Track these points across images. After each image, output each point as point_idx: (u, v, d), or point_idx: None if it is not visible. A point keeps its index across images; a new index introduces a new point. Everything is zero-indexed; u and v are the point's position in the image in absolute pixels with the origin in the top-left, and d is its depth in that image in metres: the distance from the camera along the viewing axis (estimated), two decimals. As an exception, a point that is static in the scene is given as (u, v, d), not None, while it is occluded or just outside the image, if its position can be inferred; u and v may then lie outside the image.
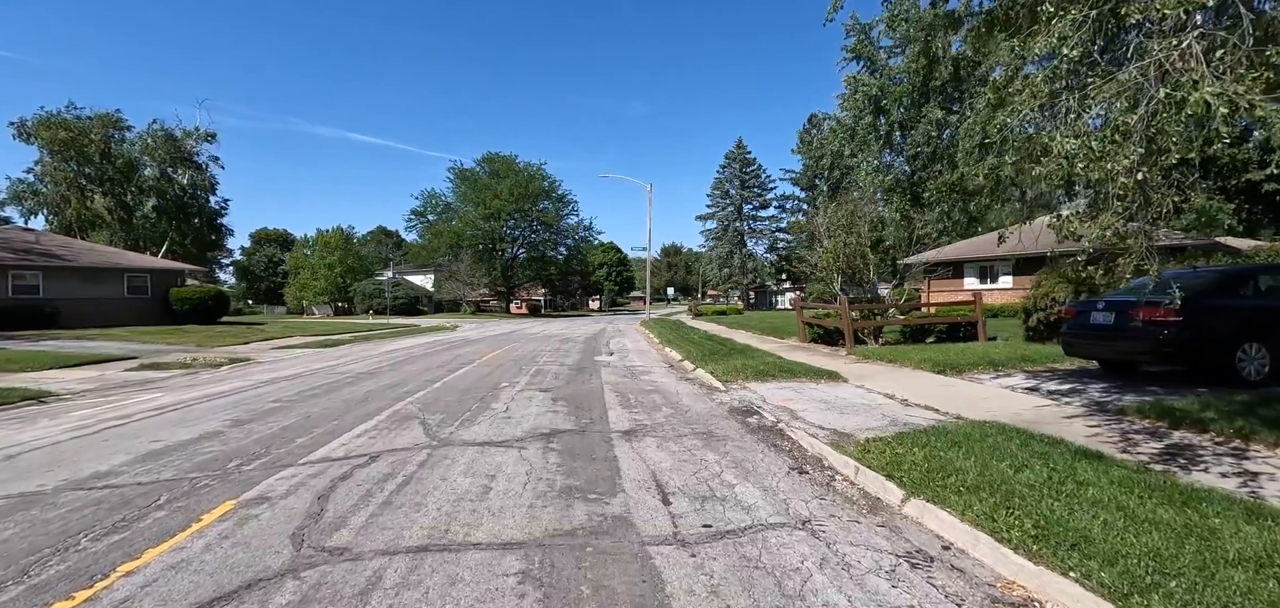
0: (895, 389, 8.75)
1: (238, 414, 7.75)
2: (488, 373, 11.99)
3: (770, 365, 11.34)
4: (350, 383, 10.66)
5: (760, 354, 13.68)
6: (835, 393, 8.69)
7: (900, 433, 6.01)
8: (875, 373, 10.52)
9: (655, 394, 9.26)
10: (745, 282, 66.62)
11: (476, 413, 7.68)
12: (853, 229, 13.71)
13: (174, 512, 4.15)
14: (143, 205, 37.47)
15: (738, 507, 4.24)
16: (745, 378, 10.22)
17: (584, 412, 7.77)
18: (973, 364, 10.38)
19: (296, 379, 11.37)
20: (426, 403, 8.44)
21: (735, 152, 66.57)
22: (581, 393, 9.33)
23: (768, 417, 7.22)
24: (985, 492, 4.08)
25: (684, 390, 9.67)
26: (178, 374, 12.86)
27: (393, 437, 6.36)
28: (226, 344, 21.68)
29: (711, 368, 11.59)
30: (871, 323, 14.34)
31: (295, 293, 67.37)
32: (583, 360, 14.50)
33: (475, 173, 64.42)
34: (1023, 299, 14.04)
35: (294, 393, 9.53)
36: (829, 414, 7.20)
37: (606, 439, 6.24)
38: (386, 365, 13.72)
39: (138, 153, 36.99)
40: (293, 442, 6.18)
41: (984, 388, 8.68)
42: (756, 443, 6.10)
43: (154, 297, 27.99)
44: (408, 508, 4.19)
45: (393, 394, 9.27)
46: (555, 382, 10.63)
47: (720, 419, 7.29)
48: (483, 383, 10.50)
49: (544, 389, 9.72)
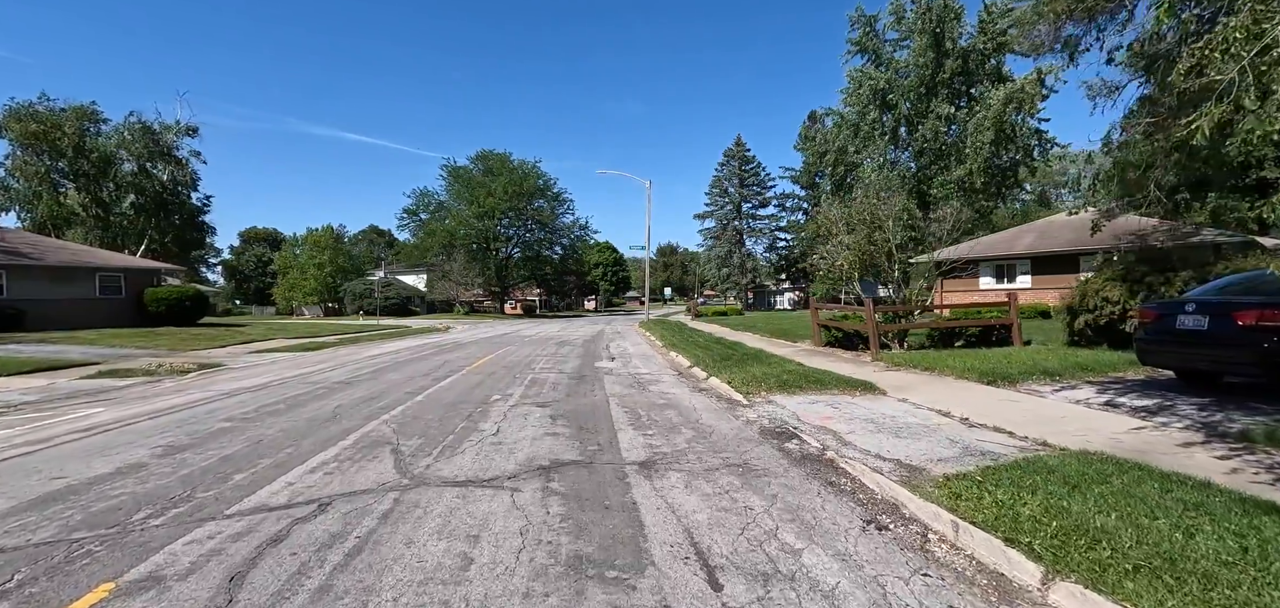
0: (947, 404, 7.58)
1: (176, 438, 6.50)
2: (478, 382, 10.76)
3: (793, 374, 10.17)
4: (321, 395, 9.41)
5: (777, 360, 12.50)
6: (878, 409, 7.51)
7: (985, 468, 4.83)
8: (914, 383, 9.35)
9: (669, 410, 8.05)
10: (744, 282, 65.48)
11: (462, 436, 6.45)
12: (877, 225, 12.52)
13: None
14: (120, 202, 35.82)
15: (815, 594, 3.04)
16: (768, 389, 9.05)
17: (589, 434, 6.56)
18: (1024, 373, 9.23)
19: (263, 390, 10.10)
20: (404, 422, 7.21)
21: (734, 149, 65.43)
22: (584, 409, 8.12)
23: (810, 442, 6.03)
24: (1163, 572, 2.90)
25: (701, 404, 8.47)
26: (138, 383, 11.64)
27: (355, 472, 5.13)
28: (201, 348, 20.37)
29: (727, 377, 10.41)
30: (896, 326, 13.18)
31: (284, 293, 65.77)
32: (583, 367, 13.29)
33: (469, 170, 63.01)
34: (1062, 299, 12.93)
35: (253, 409, 8.28)
36: (882, 438, 6.02)
37: (620, 475, 5.04)
38: (367, 373, 12.47)
39: (113, 147, 35.34)
40: (228, 479, 4.95)
41: (1052, 404, 7.51)
42: (806, 480, 4.91)
43: (128, 297, 26.58)
44: (353, 599, 2.97)
45: (367, 410, 8.03)
46: (554, 394, 9.41)
47: (753, 444, 6.09)
48: (472, 395, 9.27)
49: (541, 403, 8.50)
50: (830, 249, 14.70)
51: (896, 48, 36.30)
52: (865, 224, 13.01)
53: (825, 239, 14.71)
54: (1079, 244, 20.63)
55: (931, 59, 33.18)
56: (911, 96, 34.26)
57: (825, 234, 14.48)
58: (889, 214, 13.00)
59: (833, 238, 14.46)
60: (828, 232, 14.41)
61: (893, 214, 13.10)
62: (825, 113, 40.83)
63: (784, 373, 10.37)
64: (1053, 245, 23.41)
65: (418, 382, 10.87)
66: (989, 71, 33.20)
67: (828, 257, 14.13)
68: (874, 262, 13.24)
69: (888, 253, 13.09)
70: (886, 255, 13.09)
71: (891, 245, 13.08)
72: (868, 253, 12.99)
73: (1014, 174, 33.50)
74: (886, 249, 13.08)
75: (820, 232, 14.81)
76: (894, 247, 13.06)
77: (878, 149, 36.00)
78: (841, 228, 14.07)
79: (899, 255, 13.35)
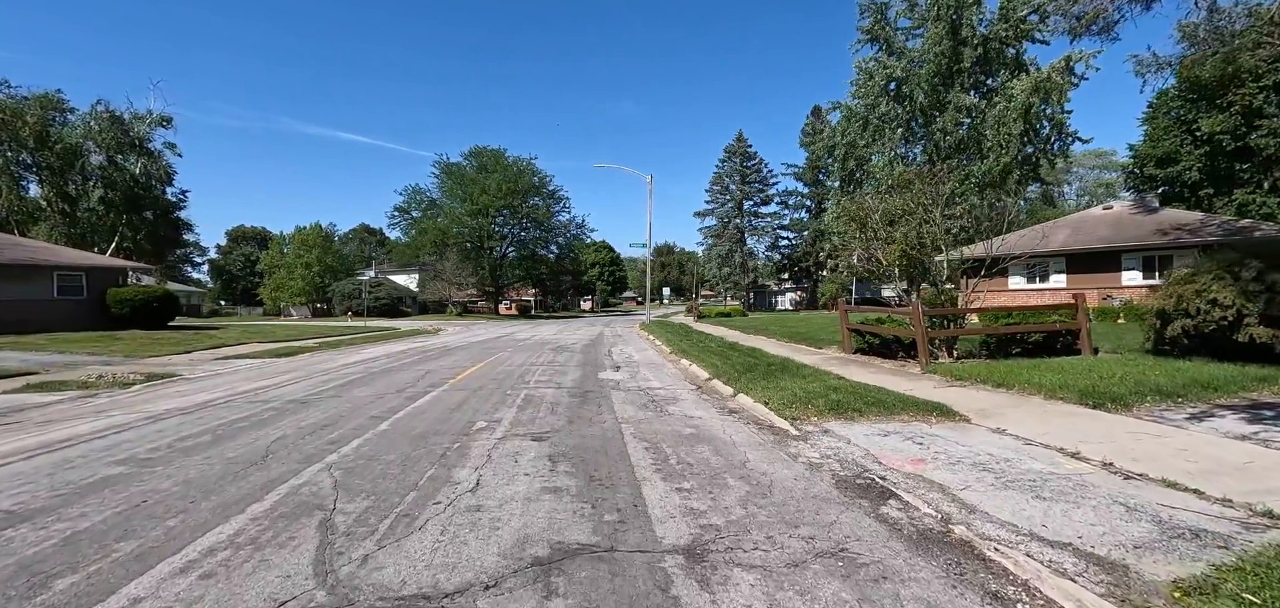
0: (1063, 438, 5.83)
1: (31, 495, 4.68)
2: (461, 401, 8.95)
3: (840, 392, 8.41)
4: (265, 421, 7.59)
5: (810, 372, 10.75)
6: (976, 444, 5.76)
7: (1222, 566, 3.09)
8: (997, 406, 7.60)
9: (701, 444, 6.27)
10: (745, 282, 63.75)
11: (427, 494, 4.66)
12: (926, 218, 10.78)
13: None
14: (88, 196, 33.61)
15: None
16: (817, 413, 7.29)
17: (603, 488, 4.78)
18: (1133, 393, 7.49)
19: (197, 413, 8.27)
20: (354, 467, 5.40)
21: (735, 145, 63.63)
22: (592, 443, 6.33)
23: (917, 506, 4.27)
24: None
25: (740, 436, 6.69)
26: (65, 399, 9.86)
27: (249, 572, 3.33)
28: (161, 354, 18.50)
29: (759, 394, 8.65)
30: (945, 332, 11.44)
31: (270, 294, 63.69)
32: (584, 379, 11.50)
33: (462, 167, 60.99)
34: (1101, 299, 11.20)
35: (166, 444, 6.45)
36: (1016, 500, 4.27)
37: (660, 579, 3.26)
38: (334, 388, 10.65)
39: (80, 138, 33.10)
40: (48, 587, 3.15)
41: (1208, 440, 5.76)
42: (950, 586, 3.15)
43: (90, 298, 24.60)
44: None
45: (312, 445, 6.22)
46: (552, 419, 7.62)
47: (835, 507, 4.32)
48: (450, 422, 7.46)
49: (537, 435, 6.71)
50: (861, 243, 12.95)
51: (909, 36, 34.58)
52: (912, 215, 11.26)
53: (857, 233, 12.95)
54: (1119, 240, 19.01)
55: (948, 47, 31.46)
56: (925, 87, 32.56)
57: (859, 227, 12.72)
58: (939, 201, 11.27)
59: (866, 231, 12.71)
60: (861, 224, 12.65)
61: (943, 201, 11.36)
62: (832, 106, 38.98)
63: (828, 389, 8.62)
64: (1090, 242, 21.76)
65: (389, 401, 9.05)
66: (1008, 61, 31.50)
67: (863, 252, 12.39)
68: (920, 258, 11.51)
69: (936, 246, 11.37)
70: (935, 248, 11.36)
71: (939, 237, 11.35)
72: (915, 247, 11.25)
73: (1033, 169, 31.87)
74: (935, 242, 11.35)
75: (849, 226, 13.03)
76: (944, 240, 11.34)
77: (890, 142, 34.29)
78: (878, 220, 12.32)
79: (946, 250, 11.62)
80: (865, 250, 12.38)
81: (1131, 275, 21.23)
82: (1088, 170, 72.21)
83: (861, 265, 12.70)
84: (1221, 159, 34.45)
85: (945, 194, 11.44)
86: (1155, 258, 20.69)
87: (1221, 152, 33.96)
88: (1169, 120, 37.35)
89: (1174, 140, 36.57)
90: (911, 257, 11.23)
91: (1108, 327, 17.01)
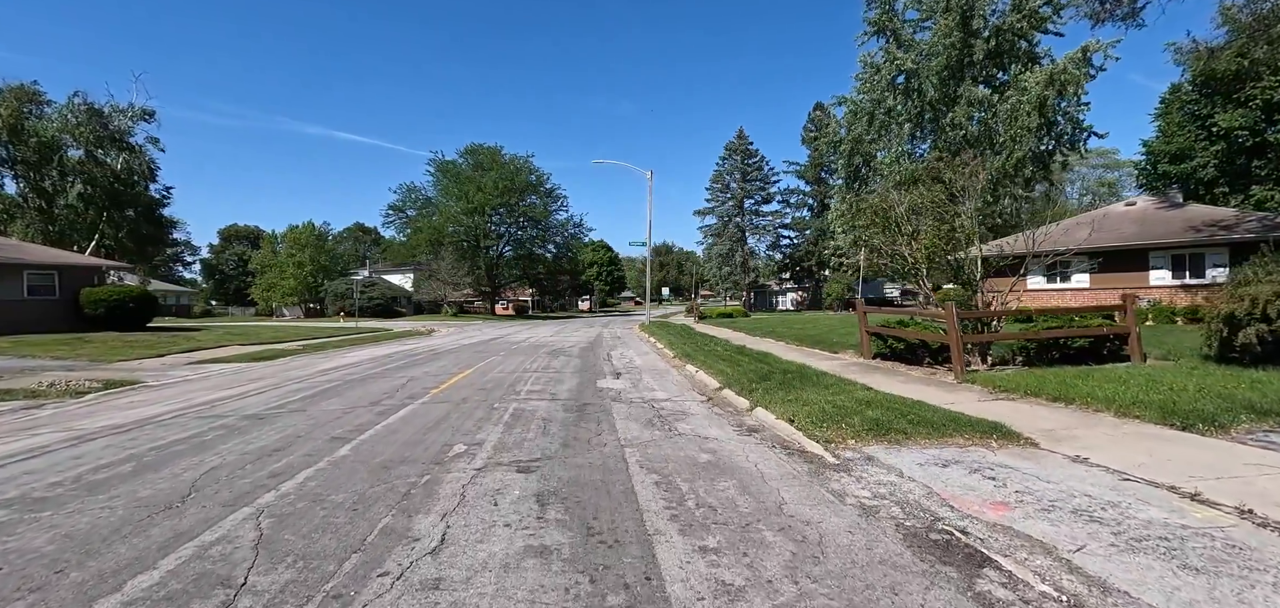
0: (1172, 473, 4.76)
1: None
2: (441, 416, 7.85)
3: (874, 405, 7.34)
4: (204, 445, 6.48)
5: (831, 381, 9.68)
6: (1066, 482, 4.68)
7: None
8: (1063, 426, 6.52)
9: (723, 478, 5.18)
10: (747, 281, 62.68)
11: (371, 562, 3.55)
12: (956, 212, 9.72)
13: None
14: (66, 193, 32.31)
15: None
16: (854, 433, 6.21)
17: (605, 550, 3.68)
18: (1224, 412, 6.41)
19: (134, 431, 7.16)
20: (287, 516, 4.30)
21: (736, 142, 62.52)
22: (591, 477, 5.24)
23: (1027, 580, 3.18)
24: None
25: (767, 464, 5.60)
26: (8, 410, 8.90)
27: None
28: (130, 358, 17.40)
29: (780, 408, 7.57)
30: (980, 337, 10.37)
31: (262, 293, 62.46)
32: (582, 388, 10.41)
33: (457, 165, 59.85)
34: (1124, 299, 10.16)
35: (78, 475, 5.35)
36: (1160, 572, 3.19)
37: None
38: (301, 398, 9.54)
39: (56, 131, 31.77)
40: None
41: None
42: None
43: (63, 298, 23.43)
44: None
45: (245, 481, 5.11)
46: (544, 442, 6.52)
47: (913, 582, 3.23)
48: (423, 444, 6.37)
49: (524, 465, 5.61)
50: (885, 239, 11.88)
51: (917, 28, 33.53)
52: (943, 206, 10.20)
53: (879, 229, 11.88)
54: (1147, 238, 17.95)
55: (959, 39, 30.39)
56: (935, 81, 31.51)
57: (881, 222, 11.64)
58: (974, 193, 10.20)
59: (889, 225, 11.64)
60: (884, 218, 11.57)
61: (979, 192, 10.30)
62: (837, 101, 37.89)
63: (859, 403, 7.55)
64: (1116, 239, 20.69)
65: (358, 416, 7.95)
66: (1021, 53, 30.45)
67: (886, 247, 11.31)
68: (952, 254, 10.44)
69: (969, 237, 10.30)
70: (967, 241, 10.29)
71: (972, 231, 10.29)
72: (946, 242, 10.18)
73: (1045, 165, 30.84)
74: (968, 235, 10.28)
75: (871, 221, 11.96)
76: (977, 234, 10.28)
77: (897, 138, 33.23)
78: (903, 213, 11.24)
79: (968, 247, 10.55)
80: (888, 246, 11.30)
81: (1160, 275, 20.17)
82: (1089, 170, 71.29)
83: (883, 263, 11.62)
84: (1238, 155, 33.49)
85: (981, 185, 10.37)
86: (1186, 256, 19.64)
87: (1238, 148, 32.99)
88: (1182, 116, 36.38)
89: (1188, 136, 35.60)
90: (941, 251, 10.15)
91: (1142, 330, 15.99)
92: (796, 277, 62.68)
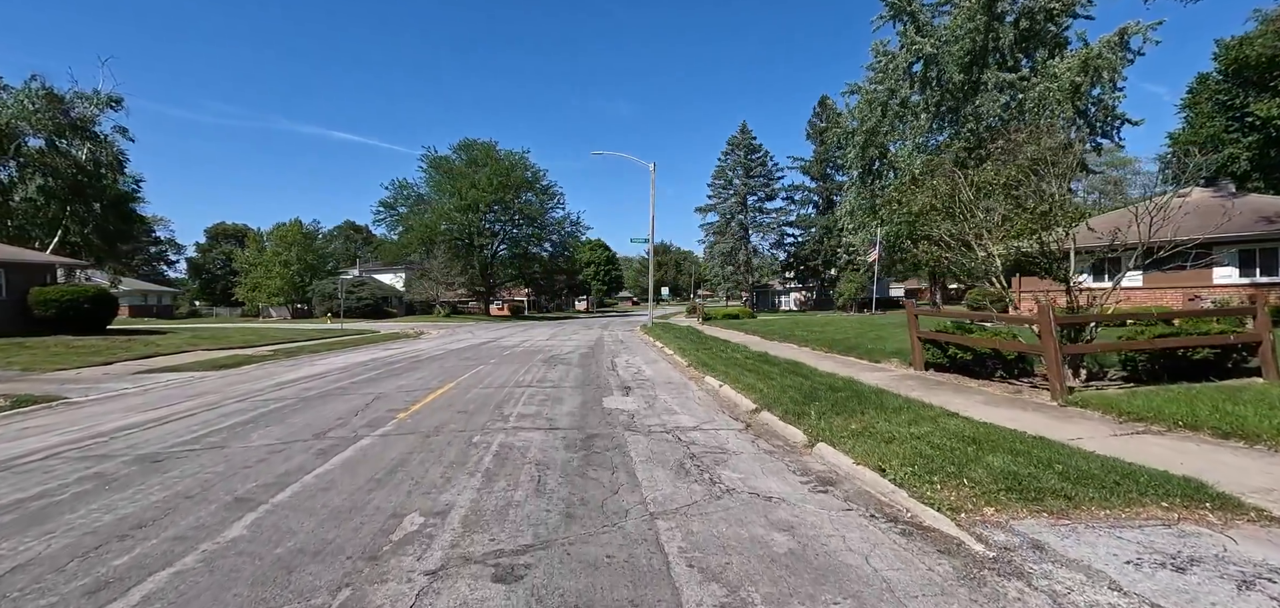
0: None
1: None
2: (397, 461, 5.86)
3: (989, 446, 5.41)
4: (45, 514, 4.49)
5: (898, 403, 7.74)
6: None
7: None
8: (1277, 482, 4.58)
9: (823, 588, 3.21)
10: (750, 280, 60.76)
11: None
12: (1035, 187, 7.79)
13: None
14: (25, 185, 30.10)
15: None
16: (990, 498, 4.28)
17: None
18: None
19: (-35, 487, 5.15)
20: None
21: (739, 137, 60.53)
22: (611, 591, 3.26)
23: None
24: None
25: (879, 557, 3.62)
26: None
27: None
28: (74, 366, 15.41)
29: (855, 447, 5.63)
30: (1075, 347, 8.42)
31: (247, 293, 60.24)
32: (586, 410, 8.43)
33: (451, 161, 57.63)
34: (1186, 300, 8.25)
35: None
36: None
37: None
38: (229, 426, 7.53)
39: (12, 117, 29.52)
40: None
41: None
42: None
43: (10, 298, 21.32)
44: None
45: (82, 582, 3.12)
46: (535, 509, 4.54)
47: None
48: (358, 518, 4.38)
49: (506, 567, 3.62)
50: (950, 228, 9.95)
51: (936, 13, 31.65)
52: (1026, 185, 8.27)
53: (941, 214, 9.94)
54: (1210, 231, 16.08)
55: (982, 23, 28.51)
56: (956, 68, 29.64)
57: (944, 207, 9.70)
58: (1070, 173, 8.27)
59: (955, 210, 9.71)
60: (947, 202, 9.62)
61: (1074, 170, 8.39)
62: (848, 89, 35.94)
63: (959, 439, 5.63)
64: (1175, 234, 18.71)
65: (290, 457, 5.95)
66: (1049, 39, 28.59)
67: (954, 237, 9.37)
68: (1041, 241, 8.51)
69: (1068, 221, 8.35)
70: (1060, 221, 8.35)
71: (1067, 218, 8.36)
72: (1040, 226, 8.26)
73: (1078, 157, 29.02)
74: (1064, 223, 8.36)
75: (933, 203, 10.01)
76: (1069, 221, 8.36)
77: (914, 129, 31.33)
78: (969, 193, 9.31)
79: (1048, 236, 8.61)
80: (956, 236, 9.36)
81: (1226, 272, 18.29)
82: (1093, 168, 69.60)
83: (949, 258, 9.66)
84: (1271, 147, 31.70)
85: (1077, 158, 8.45)
86: (1255, 251, 17.79)
87: (1274, 139, 31.20)
88: (1212, 106, 34.59)
89: (1217, 126, 33.81)
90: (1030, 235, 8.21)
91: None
92: (801, 276, 60.77)
